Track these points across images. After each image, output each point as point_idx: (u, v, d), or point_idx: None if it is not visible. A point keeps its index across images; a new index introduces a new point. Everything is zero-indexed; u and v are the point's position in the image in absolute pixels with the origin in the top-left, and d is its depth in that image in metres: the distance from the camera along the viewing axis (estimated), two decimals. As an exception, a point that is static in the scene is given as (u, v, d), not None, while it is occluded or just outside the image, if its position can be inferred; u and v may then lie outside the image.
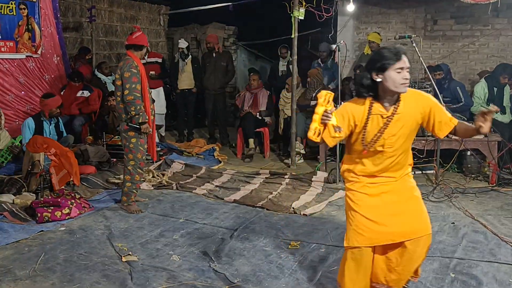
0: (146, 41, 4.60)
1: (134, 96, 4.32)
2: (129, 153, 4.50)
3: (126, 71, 4.33)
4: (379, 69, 2.41)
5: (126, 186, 4.52)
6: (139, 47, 4.50)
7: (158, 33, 10.14)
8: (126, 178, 4.53)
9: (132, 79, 4.32)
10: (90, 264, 3.33)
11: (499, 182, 5.29)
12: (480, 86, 6.38)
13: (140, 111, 4.35)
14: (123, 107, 4.44)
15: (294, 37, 6.11)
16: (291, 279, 3.12)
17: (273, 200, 4.82)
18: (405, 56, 2.42)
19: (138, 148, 4.50)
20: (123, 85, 4.35)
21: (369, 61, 2.52)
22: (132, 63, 4.37)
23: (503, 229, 3.98)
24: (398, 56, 2.40)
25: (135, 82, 4.34)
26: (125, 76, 4.33)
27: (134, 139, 4.47)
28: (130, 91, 4.31)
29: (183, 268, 3.29)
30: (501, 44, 7.39)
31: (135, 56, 4.47)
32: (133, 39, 4.50)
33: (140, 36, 4.52)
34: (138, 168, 4.53)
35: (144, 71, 4.51)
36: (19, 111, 6.36)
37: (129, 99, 4.32)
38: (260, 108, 7.09)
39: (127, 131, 4.47)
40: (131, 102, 4.32)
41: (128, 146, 4.49)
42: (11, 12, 6.14)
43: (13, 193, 4.63)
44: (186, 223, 4.21)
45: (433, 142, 5.47)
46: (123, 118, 4.47)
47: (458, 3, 6.47)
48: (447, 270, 3.22)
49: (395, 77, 2.39)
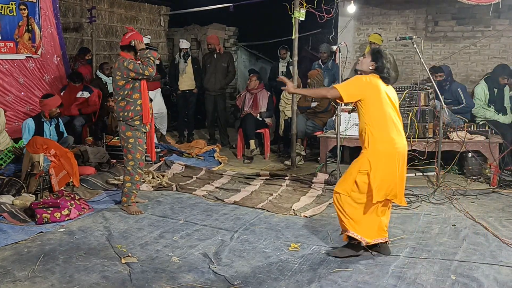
0: (141, 39, 4.56)
1: (149, 67, 4.36)
2: (128, 153, 4.50)
3: (127, 65, 4.36)
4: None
5: (126, 186, 4.52)
6: (132, 47, 4.49)
7: (158, 33, 10.14)
8: (126, 178, 4.53)
9: (135, 64, 4.37)
10: (90, 265, 3.31)
11: (500, 184, 5.27)
12: (480, 88, 6.37)
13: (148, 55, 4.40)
14: (123, 105, 4.44)
15: (294, 38, 6.10)
16: (291, 281, 3.11)
17: (273, 201, 4.80)
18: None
19: (137, 148, 4.49)
20: (136, 74, 4.37)
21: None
22: (125, 59, 4.40)
23: (504, 231, 3.96)
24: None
25: (138, 65, 4.38)
26: (129, 68, 4.36)
27: (132, 139, 4.47)
28: (145, 68, 4.36)
29: (182, 269, 3.28)
30: (502, 45, 7.37)
31: (129, 56, 4.47)
32: (126, 39, 4.51)
33: (132, 36, 4.51)
34: (137, 168, 4.53)
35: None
36: (19, 112, 6.35)
37: (151, 70, 4.39)
38: (261, 109, 7.08)
39: (125, 131, 4.47)
40: (152, 67, 4.37)
41: (127, 146, 4.49)
42: (11, 12, 6.13)
43: (13, 194, 4.63)
44: (186, 224, 4.19)
45: (434, 144, 5.45)
46: (121, 118, 4.48)
47: (459, 4, 6.45)
48: (448, 272, 3.20)
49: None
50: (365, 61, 3.41)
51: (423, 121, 5.55)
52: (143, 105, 4.46)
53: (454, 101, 6.28)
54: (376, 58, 3.34)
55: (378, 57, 3.34)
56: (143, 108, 4.47)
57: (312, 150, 7.02)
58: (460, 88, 6.35)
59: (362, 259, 3.43)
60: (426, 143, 5.50)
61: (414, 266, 3.30)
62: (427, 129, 5.54)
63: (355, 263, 3.36)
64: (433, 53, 7.71)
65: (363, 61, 3.42)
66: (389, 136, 3.27)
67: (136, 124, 4.48)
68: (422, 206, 4.66)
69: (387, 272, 3.20)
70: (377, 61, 3.33)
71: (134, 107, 4.45)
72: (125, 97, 4.44)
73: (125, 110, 4.45)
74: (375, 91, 3.27)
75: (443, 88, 6.24)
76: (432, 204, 4.74)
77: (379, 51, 3.39)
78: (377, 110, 3.27)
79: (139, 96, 4.45)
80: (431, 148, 5.50)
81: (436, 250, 3.56)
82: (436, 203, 4.75)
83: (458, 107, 6.24)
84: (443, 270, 3.23)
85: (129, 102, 4.45)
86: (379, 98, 3.27)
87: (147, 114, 4.51)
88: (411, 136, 5.55)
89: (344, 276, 3.15)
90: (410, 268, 3.27)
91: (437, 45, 7.71)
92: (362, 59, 3.45)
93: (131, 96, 4.44)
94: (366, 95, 3.27)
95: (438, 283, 3.06)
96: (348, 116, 5.85)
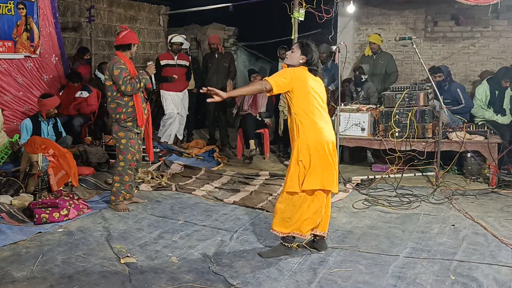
0: (134, 38, 4.52)
1: (130, 85, 4.30)
2: (119, 154, 4.49)
3: (114, 69, 4.32)
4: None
5: (115, 186, 4.52)
6: (127, 46, 4.45)
7: (157, 33, 10.12)
8: (115, 178, 4.53)
9: (122, 74, 4.31)
10: (89, 266, 3.30)
11: (499, 184, 5.28)
12: (482, 88, 6.37)
13: (139, 79, 4.33)
14: (114, 107, 4.41)
15: (294, 38, 6.09)
16: (290, 281, 3.10)
17: (273, 201, 4.79)
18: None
19: (129, 149, 4.47)
20: (115, 83, 4.33)
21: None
22: (119, 61, 4.37)
23: (503, 231, 3.96)
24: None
25: (126, 76, 4.32)
26: (114, 74, 4.31)
27: (124, 140, 4.45)
28: (124, 84, 4.30)
29: (182, 270, 3.27)
30: (501, 45, 7.38)
31: (123, 55, 4.45)
32: (120, 39, 4.46)
33: (127, 35, 4.46)
34: (128, 169, 4.51)
35: (134, 70, 4.48)
36: (17, 112, 6.33)
37: (129, 90, 4.32)
38: (260, 109, 7.08)
39: (117, 131, 4.45)
40: (132, 88, 4.30)
41: (119, 147, 4.48)
42: (9, 12, 6.11)
43: (11, 194, 4.61)
44: (185, 224, 4.19)
45: (434, 144, 5.46)
46: (113, 118, 4.46)
47: (458, 4, 6.46)
48: (447, 272, 3.20)
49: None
50: (294, 55, 3.43)
51: (422, 121, 5.56)
52: (136, 107, 4.41)
53: (454, 101, 6.29)
54: (306, 51, 3.41)
55: (308, 50, 3.40)
56: (136, 110, 4.42)
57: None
58: (459, 89, 6.36)
59: (362, 259, 3.43)
60: (426, 143, 5.51)
61: (414, 266, 3.30)
62: (427, 129, 5.55)
63: (354, 263, 3.36)
64: (433, 53, 7.72)
65: (293, 56, 3.44)
66: (318, 125, 3.36)
67: (129, 125, 4.45)
68: (422, 206, 4.66)
69: (387, 272, 3.20)
70: (307, 54, 3.41)
71: (126, 109, 4.41)
72: (114, 99, 4.42)
73: (117, 113, 4.41)
74: (302, 82, 3.35)
75: (442, 88, 6.25)
76: (432, 204, 4.74)
77: (308, 44, 3.44)
78: (305, 101, 3.34)
79: (130, 98, 4.41)
80: (430, 148, 5.50)
81: (436, 250, 3.56)
82: (436, 203, 4.75)
83: (458, 108, 6.25)
84: (442, 270, 3.23)
85: (120, 104, 4.41)
86: (307, 89, 3.34)
87: (141, 116, 4.45)
88: (410, 136, 5.56)
89: (344, 276, 3.15)
90: (409, 268, 3.27)
91: (436, 45, 7.72)
92: (291, 53, 3.46)
93: (121, 98, 4.40)
94: (294, 86, 3.33)
95: (437, 283, 3.06)
96: (348, 116, 5.85)
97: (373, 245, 3.70)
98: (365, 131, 5.83)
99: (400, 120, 5.63)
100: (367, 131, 5.83)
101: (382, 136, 5.70)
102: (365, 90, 6.79)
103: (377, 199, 4.86)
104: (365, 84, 6.82)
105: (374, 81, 7.11)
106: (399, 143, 5.58)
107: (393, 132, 5.63)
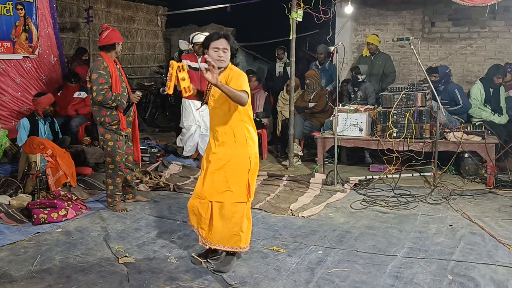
0: (118, 37, 4.38)
1: (103, 96, 4.23)
2: (107, 156, 4.46)
3: (93, 72, 4.25)
4: (204, 46, 3.10)
5: (109, 189, 4.51)
6: (111, 46, 4.33)
7: (155, 34, 10.13)
8: (108, 181, 4.51)
9: (99, 80, 4.23)
10: (87, 266, 3.31)
11: (496, 184, 5.29)
12: (476, 88, 6.40)
13: (115, 98, 4.26)
14: (97, 110, 4.35)
15: (292, 38, 6.11)
16: (288, 281, 3.11)
17: (270, 202, 4.81)
18: (224, 39, 3.06)
19: (116, 151, 4.43)
20: (90, 88, 4.28)
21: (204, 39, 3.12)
22: (100, 65, 4.27)
23: (500, 231, 3.98)
24: (216, 37, 3.06)
25: (102, 83, 4.24)
26: (92, 78, 4.25)
27: (111, 142, 4.41)
28: (97, 92, 4.23)
29: (180, 270, 3.27)
30: (498, 46, 7.42)
31: (107, 56, 4.34)
32: (103, 39, 4.34)
33: (110, 34, 4.33)
34: (118, 171, 4.49)
35: (116, 72, 4.35)
36: (15, 112, 6.33)
37: (99, 100, 4.24)
38: (258, 109, 7.09)
39: (103, 134, 4.41)
40: (102, 101, 4.24)
41: (106, 149, 4.44)
42: (8, 12, 6.11)
43: (9, 195, 4.61)
44: (183, 225, 4.19)
45: (431, 144, 5.47)
46: (97, 121, 4.40)
47: (455, 5, 6.49)
48: (444, 272, 3.21)
49: (212, 54, 3.05)
50: (227, 55, 3.10)
51: (420, 121, 5.58)
52: (118, 111, 4.36)
53: (451, 102, 6.30)
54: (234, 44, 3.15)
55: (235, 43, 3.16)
56: (119, 114, 4.37)
57: (310, 151, 7.02)
58: (457, 89, 6.38)
59: (360, 259, 3.44)
60: (423, 143, 5.53)
61: (411, 266, 3.31)
62: (424, 130, 5.57)
63: (352, 263, 3.37)
64: (430, 54, 7.75)
65: (227, 55, 3.10)
66: (255, 133, 3.34)
67: (114, 128, 4.40)
68: (419, 206, 4.68)
69: (385, 272, 3.21)
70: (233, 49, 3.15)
71: (110, 113, 4.35)
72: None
73: (101, 115, 4.35)
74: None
75: (437, 89, 6.27)
76: (429, 204, 4.75)
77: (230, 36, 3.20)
78: (249, 107, 3.26)
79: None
80: (428, 148, 5.52)
81: (433, 250, 3.57)
82: (433, 203, 4.76)
83: (455, 108, 6.27)
84: (440, 270, 3.25)
85: (103, 107, 4.32)
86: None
87: (123, 121, 4.40)
88: (408, 136, 5.58)
89: (342, 276, 3.16)
90: (407, 267, 3.28)
91: (434, 46, 7.75)
92: (224, 54, 3.07)
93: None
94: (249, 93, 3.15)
95: (435, 282, 3.07)
96: (346, 116, 5.87)
97: (371, 245, 3.71)
98: (363, 131, 5.85)
99: (398, 120, 5.65)
100: (365, 131, 5.85)
101: (380, 136, 5.72)
102: (362, 91, 6.81)
103: (374, 199, 4.87)
104: (363, 84, 6.84)
105: (372, 81, 7.13)
106: (396, 143, 5.60)
107: (391, 133, 5.65)
